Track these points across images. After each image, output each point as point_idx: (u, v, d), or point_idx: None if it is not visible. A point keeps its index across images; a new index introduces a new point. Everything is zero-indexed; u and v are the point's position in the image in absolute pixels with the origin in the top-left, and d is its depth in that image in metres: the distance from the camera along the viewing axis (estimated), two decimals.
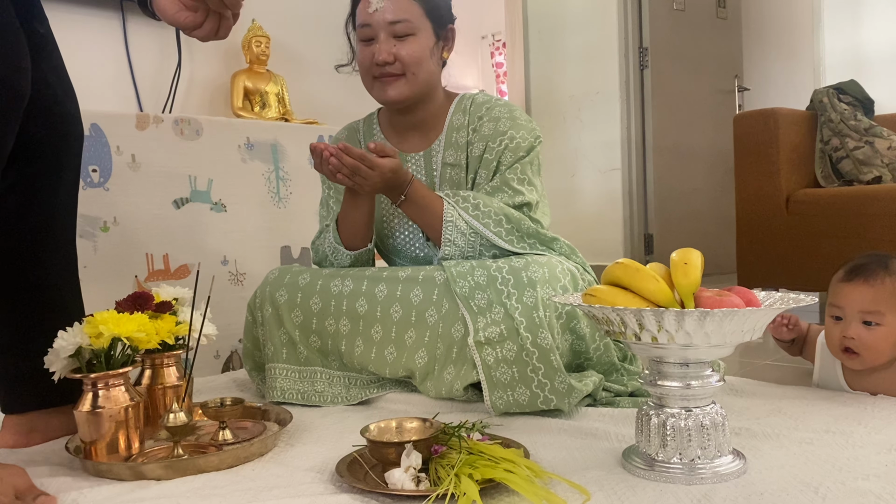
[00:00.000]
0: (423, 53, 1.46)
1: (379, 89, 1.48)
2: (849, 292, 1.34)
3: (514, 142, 1.48)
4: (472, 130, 1.52)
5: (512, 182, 1.46)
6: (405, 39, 1.44)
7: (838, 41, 4.18)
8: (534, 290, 1.26)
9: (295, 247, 2.13)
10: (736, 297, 0.98)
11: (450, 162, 1.52)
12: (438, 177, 1.53)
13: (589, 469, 1.02)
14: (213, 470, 1.07)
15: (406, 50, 1.44)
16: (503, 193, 1.45)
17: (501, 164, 1.47)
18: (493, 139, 1.48)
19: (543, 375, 1.25)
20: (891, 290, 1.32)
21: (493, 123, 1.50)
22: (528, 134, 1.49)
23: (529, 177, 1.48)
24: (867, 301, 1.32)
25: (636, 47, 3.94)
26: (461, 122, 1.53)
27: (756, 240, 2.69)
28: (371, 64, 1.46)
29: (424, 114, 1.54)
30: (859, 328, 1.32)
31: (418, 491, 0.93)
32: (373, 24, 1.44)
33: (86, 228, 1.71)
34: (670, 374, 1.00)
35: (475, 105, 1.54)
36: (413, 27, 1.44)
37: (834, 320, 1.36)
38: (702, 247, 1.09)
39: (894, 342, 1.33)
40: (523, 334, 1.25)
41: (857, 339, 1.32)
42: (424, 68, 1.47)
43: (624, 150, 3.94)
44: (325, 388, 1.46)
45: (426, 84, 1.49)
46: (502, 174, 1.47)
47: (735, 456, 1.01)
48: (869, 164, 2.75)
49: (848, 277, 1.36)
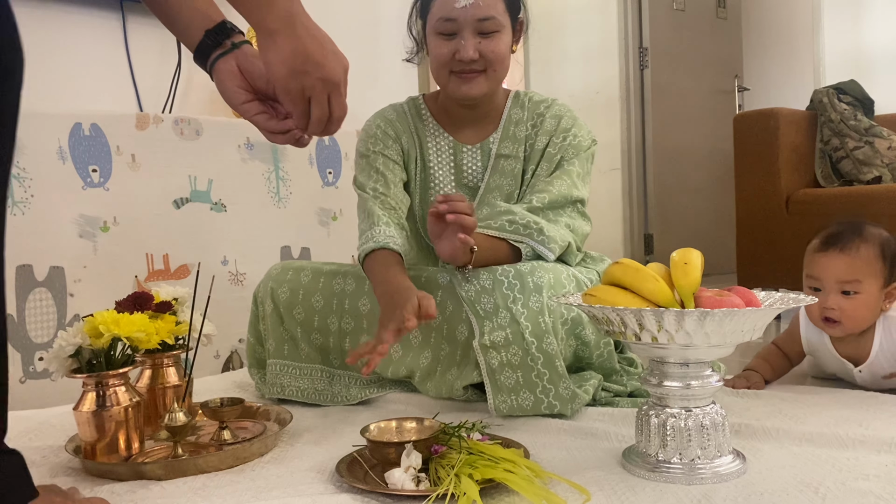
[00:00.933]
0: (506, 51, 1.46)
1: (456, 84, 1.46)
2: (825, 263, 1.34)
3: (577, 139, 1.50)
4: (531, 126, 1.53)
5: (572, 174, 1.48)
6: (490, 36, 1.42)
7: (838, 41, 4.18)
8: (539, 295, 1.26)
9: (295, 247, 2.13)
10: (736, 297, 0.99)
11: (505, 153, 1.53)
12: (491, 168, 1.54)
13: (589, 469, 1.02)
14: (213, 470, 1.07)
15: (491, 47, 1.43)
16: (562, 182, 1.46)
17: (564, 158, 1.49)
18: (556, 135, 1.50)
19: (548, 381, 1.25)
20: (866, 257, 1.32)
21: (555, 120, 1.52)
22: (588, 134, 1.53)
23: (585, 174, 1.51)
24: (844, 270, 1.32)
25: (636, 47, 3.94)
26: (519, 116, 1.55)
27: (756, 240, 2.69)
28: (451, 59, 1.44)
29: (488, 108, 1.54)
30: (838, 298, 1.33)
31: (418, 491, 0.93)
32: (459, 19, 1.41)
33: (86, 228, 1.71)
34: (670, 374, 1.00)
35: (533, 102, 1.56)
36: (498, 24, 1.43)
37: (812, 291, 1.37)
38: (702, 247, 1.09)
39: (874, 308, 1.34)
40: (528, 339, 1.25)
41: (836, 309, 1.33)
42: (505, 66, 1.47)
43: (624, 149, 3.94)
44: (326, 386, 1.46)
45: (501, 80, 1.51)
46: (564, 167, 1.49)
47: (735, 456, 1.01)
48: (869, 164, 2.75)
49: (823, 248, 1.36)
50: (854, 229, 1.35)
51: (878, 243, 1.34)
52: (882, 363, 1.37)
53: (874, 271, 1.33)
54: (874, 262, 1.33)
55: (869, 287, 1.32)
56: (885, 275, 1.34)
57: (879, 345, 1.36)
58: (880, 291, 1.35)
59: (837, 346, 1.41)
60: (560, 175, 1.47)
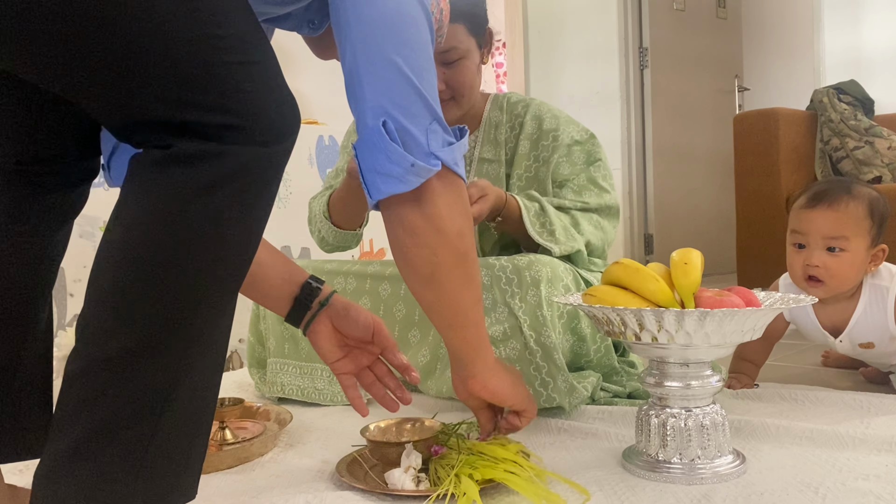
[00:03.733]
0: (472, 77, 1.44)
1: None
2: (812, 218, 1.31)
3: (570, 137, 1.48)
4: (509, 128, 1.53)
5: (597, 180, 1.47)
6: (454, 65, 1.40)
7: (838, 41, 4.18)
8: (537, 289, 1.26)
9: (295, 247, 2.13)
10: (736, 297, 0.98)
11: (488, 157, 1.53)
12: (474, 172, 1.54)
13: (589, 469, 1.02)
14: (213, 470, 1.07)
15: (456, 77, 1.41)
16: (589, 192, 1.46)
17: (560, 157, 1.47)
18: (543, 137, 1.50)
19: (547, 374, 1.25)
20: (854, 214, 1.29)
21: (535, 122, 1.51)
22: (578, 129, 1.52)
23: (606, 175, 1.51)
24: (831, 226, 1.29)
25: (636, 47, 3.94)
26: (498, 118, 1.54)
27: (756, 240, 2.69)
28: None
29: (463, 116, 1.54)
30: (823, 255, 1.30)
31: (418, 491, 0.93)
32: None
33: (86, 228, 1.71)
34: (670, 374, 1.00)
35: (510, 103, 1.55)
36: (461, 52, 1.40)
37: (796, 248, 1.34)
38: (702, 247, 1.09)
39: (859, 268, 1.31)
40: (527, 333, 1.25)
41: (821, 266, 1.30)
42: (473, 87, 1.46)
43: (624, 150, 3.94)
44: (325, 385, 1.46)
45: (473, 101, 1.49)
46: (588, 172, 1.47)
47: (735, 456, 1.01)
48: (869, 164, 2.75)
49: (810, 203, 1.33)
50: (842, 186, 1.32)
51: (866, 201, 1.31)
52: (862, 330, 1.34)
53: (861, 229, 1.30)
54: (862, 220, 1.30)
55: (856, 245, 1.29)
56: (873, 234, 1.31)
57: (863, 311, 1.33)
58: (867, 251, 1.31)
59: (820, 314, 1.38)
60: (587, 185, 1.47)
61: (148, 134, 0.67)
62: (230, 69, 0.67)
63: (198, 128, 0.65)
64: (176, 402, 0.66)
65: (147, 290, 0.65)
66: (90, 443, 0.64)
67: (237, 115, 0.66)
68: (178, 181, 0.65)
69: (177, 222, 0.65)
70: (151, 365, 0.65)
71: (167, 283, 0.65)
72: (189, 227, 0.65)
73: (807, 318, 1.40)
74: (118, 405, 0.64)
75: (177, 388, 0.66)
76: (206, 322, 0.68)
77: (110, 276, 0.66)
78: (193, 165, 0.65)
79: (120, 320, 0.65)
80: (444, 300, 0.92)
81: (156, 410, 0.65)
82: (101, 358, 0.64)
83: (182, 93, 0.65)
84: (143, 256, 0.65)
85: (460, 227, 0.89)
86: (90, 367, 0.64)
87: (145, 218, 0.65)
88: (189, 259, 0.65)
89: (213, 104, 0.66)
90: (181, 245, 0.65)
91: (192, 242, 0.65)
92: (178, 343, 0.66)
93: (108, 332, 0.65)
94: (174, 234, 0.65)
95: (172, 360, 0.66)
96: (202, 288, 0.67)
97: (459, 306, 0.93)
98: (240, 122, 0.66)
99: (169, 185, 0.65)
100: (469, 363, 0.97)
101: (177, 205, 0.65)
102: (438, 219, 0.87)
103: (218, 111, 0.66)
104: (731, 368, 1.50)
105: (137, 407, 0.65)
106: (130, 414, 0.64)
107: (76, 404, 0.64)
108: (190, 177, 0.65)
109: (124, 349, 0.64)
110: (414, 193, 0.85)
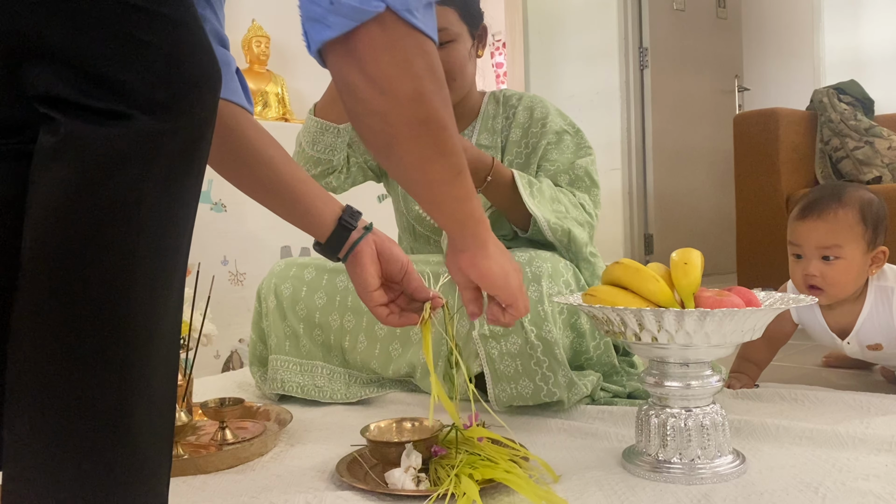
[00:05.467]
0: (464, 61, 1.45)
1: None
2: (804, 230, 1.33)
3: (557, 125, 1.49)
4: (504, 118, 1.55)
5: (593, 174, 1.48)
6: (445, 47, 1.41)
7: (838, 41, 4.18)
8: (538, 285, 1.27)
9: (295, 247, 2.13)
10: (736, 297, 0.99)
11: (485, 144, 1.54)
12: None
13: (589, 469, 1.02)
14: (213, 470, 1.07)
15: (448, 57, 1.42)
16: (582, 183, 1.47)
17: (549, 144, 1.48)
18: (533, 125, 1.51)
19: (548, 368, 1.25)
20: (845, 221, 1.31)
21: (527, 112, 1.52)
22: (565, 119, 1.53)
23: (591, 164, 1.52)
24: (822, 236, 1.31)
25: (636, 47, 3.94)
26: (495, 111, 1.56)
27: (756, 240, 2.69)
28: None
29: (463, 109, 1.54)
30: (819, 264, 1.32)
31: (418, 491, 0.93)
32: None
33: None
34: (670, 374, 1.00)
35: (506, 97, 1.57)
36: (452, 34, 1.42)
37: (795, 258, 1.37)
38: (702, 247, 1.09)
39: (857, 273, 1.32)
40: (528, 327, 1.25)
41: (818, 275, 1.32)
42: (467, 73, 1.47)
43: (624, 150, 3.94)
44: (325, 383, 1.46)
45: (468, 87, 1.50)
46: (582, 166, 1.48)
47: (735, 456, 1.01)
48: (869, 164, 2.75)
49: (801, 215, 1.35)
50: (833, 194, 1.33)
51: (857, 207, 1.31)
52: (869, 331, 1.35)
53: (855, 235, 1.31)
54: (854, 226, 1.31)
55: (851, 252, 1.30)
56: (868, 238, 1.31)
57: (868, 312, 1.34)
58: (864, 256, 1.32)
59: (827, 316, 1.39)
60: (582, 177, 1.47)
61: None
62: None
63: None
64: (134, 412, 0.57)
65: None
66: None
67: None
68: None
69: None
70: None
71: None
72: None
73: (815, 320, 1.41)
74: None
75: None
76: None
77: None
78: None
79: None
80: (410, 176, 0.81)
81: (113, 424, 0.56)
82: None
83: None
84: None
85: (415, 90, 0.72)
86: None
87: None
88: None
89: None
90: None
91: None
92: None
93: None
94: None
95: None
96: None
97: (430, 181, 0.81)
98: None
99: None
100: (458, 239, 0.91)
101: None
102: (384, 79, 0.70)
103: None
104: (733, 368, 1.50)
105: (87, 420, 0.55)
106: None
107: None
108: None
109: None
110: (347, 46, 0.68)
